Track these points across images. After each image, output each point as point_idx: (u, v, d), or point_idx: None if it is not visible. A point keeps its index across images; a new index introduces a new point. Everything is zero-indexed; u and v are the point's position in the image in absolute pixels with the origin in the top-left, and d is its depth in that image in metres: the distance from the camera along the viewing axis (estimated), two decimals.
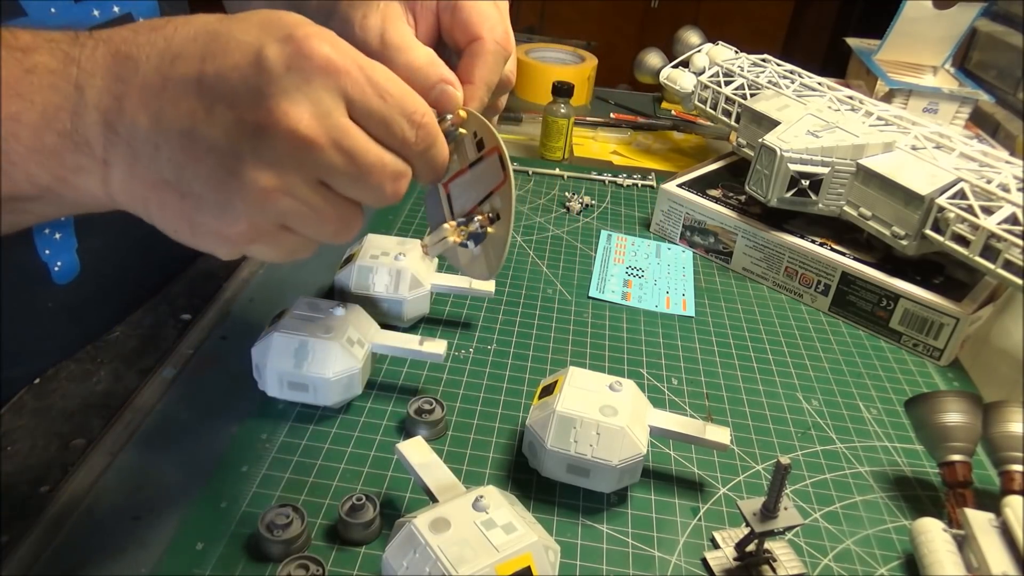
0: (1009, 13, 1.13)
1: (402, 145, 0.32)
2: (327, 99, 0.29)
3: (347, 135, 0.30)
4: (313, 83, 0.29)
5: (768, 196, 0.64)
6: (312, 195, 0.31)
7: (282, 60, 0.28)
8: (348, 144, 0.30)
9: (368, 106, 0.30)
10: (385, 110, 0.31)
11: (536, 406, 0.46)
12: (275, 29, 0.29)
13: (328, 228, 0.32)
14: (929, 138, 0.63)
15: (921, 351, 0.61)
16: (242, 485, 0.43)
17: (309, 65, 0.29)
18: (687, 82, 0.85)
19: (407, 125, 0.32)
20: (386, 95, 0.31)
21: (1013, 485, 0.43)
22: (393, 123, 0.31)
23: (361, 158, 0.30)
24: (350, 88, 0.30)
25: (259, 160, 0.29)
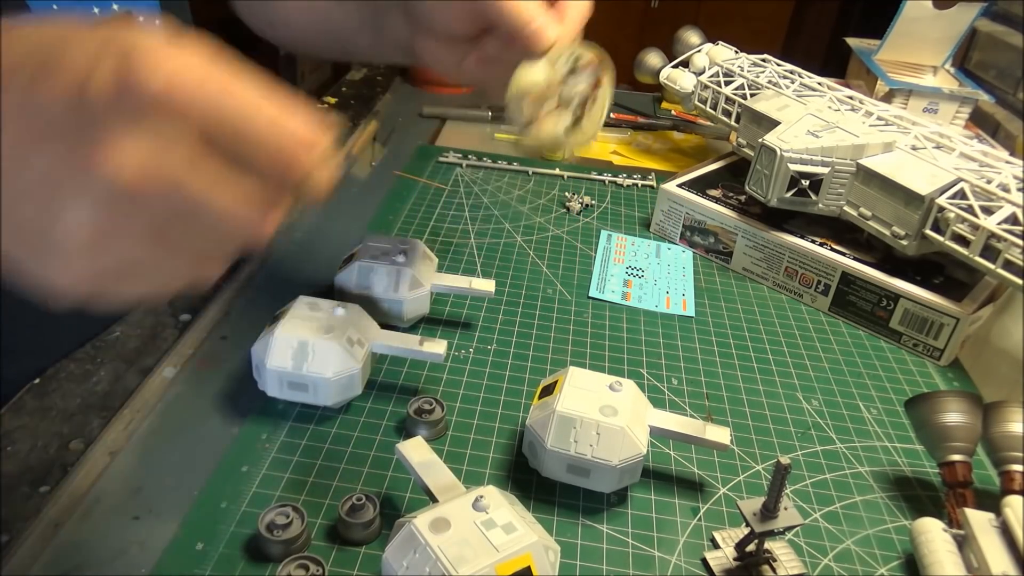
0: (1009, 13, 1.13)
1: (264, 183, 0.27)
2: (162, 132, 0.24)
3: (186, 180, 0.25)
4: (144, 115, 0.24)
5: (768, 196, 0.64)
6: (148, 248, 0.26)
7: (110, 88, 0.24)
8: (188, 191, 0.25)
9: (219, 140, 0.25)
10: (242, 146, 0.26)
11: (536, 406, 0.46)
12: (113, 47, 0.24)
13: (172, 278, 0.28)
14: (929, 138, 0.63)
15: (921, 351, 0.61)
16: (242, 485, 0.43)
17: (142, 96, 0.24)
18: (687, 82, 0.85)
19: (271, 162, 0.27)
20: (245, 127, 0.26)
21: (1013, 485, 0.43)
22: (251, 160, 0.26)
23: (205, 207, 0.25)
24: (196, 119, 0.25)
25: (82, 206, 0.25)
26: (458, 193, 0.79)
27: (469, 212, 0.76)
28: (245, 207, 0.26)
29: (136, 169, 0.24)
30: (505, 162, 0.87)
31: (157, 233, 0.26)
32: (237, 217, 0.26)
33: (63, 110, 0.24)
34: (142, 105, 0.24)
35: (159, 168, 0.24)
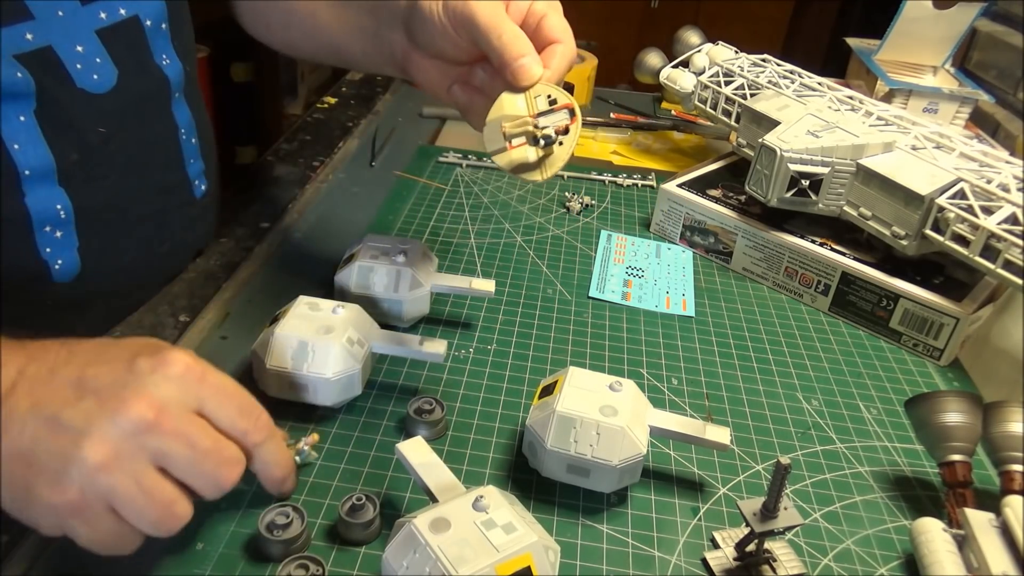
0: (1009, 13, 1.13)
1: (241, 436, 0.37)
2: (177, 396, 0.35)
3: (189, 423, 0.35)
4: (168, 383, 0.35)
5: (768, 196, 0.64)
6: (144, 474, 0.34)
7: (149, 366, 0.35)
8: (188, 430, 0.35)
9: (214, 406, 0.36)
10: (228, 410, 0.37)
11: (536, 406, 0.46)
12: (150, 348, 0.36)
13: (152, 512, 0.34)
14: (929, 138, 0.63)
15: (921, 351, 0.61)
16: (242, 485, 0.43)
17: (169, 371, 0.35)
18: (687, 82, 0.85)
19: (247, 421, 0.37)
20: (231, 397, 0.37)
21: (1013, 485, 0.43)
22: (233, 420, 0.37)
23: (199, 443, 0.35)
24: (201, 390, 0.36)
25: (103, 436, 0.33)
26: (458, 193, 0.79)
27: (469, 212, 0.76)
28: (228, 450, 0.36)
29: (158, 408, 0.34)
30: None
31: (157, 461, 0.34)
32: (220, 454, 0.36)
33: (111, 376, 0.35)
34: (171, 375, 0.35)
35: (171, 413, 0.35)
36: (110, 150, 0.51)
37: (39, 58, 0.46)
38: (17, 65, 0.44)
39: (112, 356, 0.36)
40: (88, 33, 0.48)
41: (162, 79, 0.55)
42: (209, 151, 0.63)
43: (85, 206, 0.50)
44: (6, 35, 0.44)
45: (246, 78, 1.76)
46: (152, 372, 0.35)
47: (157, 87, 0.55)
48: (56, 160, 0.47)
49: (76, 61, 0.48)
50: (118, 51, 0.50)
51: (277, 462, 0.39)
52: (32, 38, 0.45)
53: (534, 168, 0.47)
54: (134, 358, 0.35)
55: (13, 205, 0.46)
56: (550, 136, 0.46)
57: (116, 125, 0.51)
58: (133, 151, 0.53)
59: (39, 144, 0.46)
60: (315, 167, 0.81)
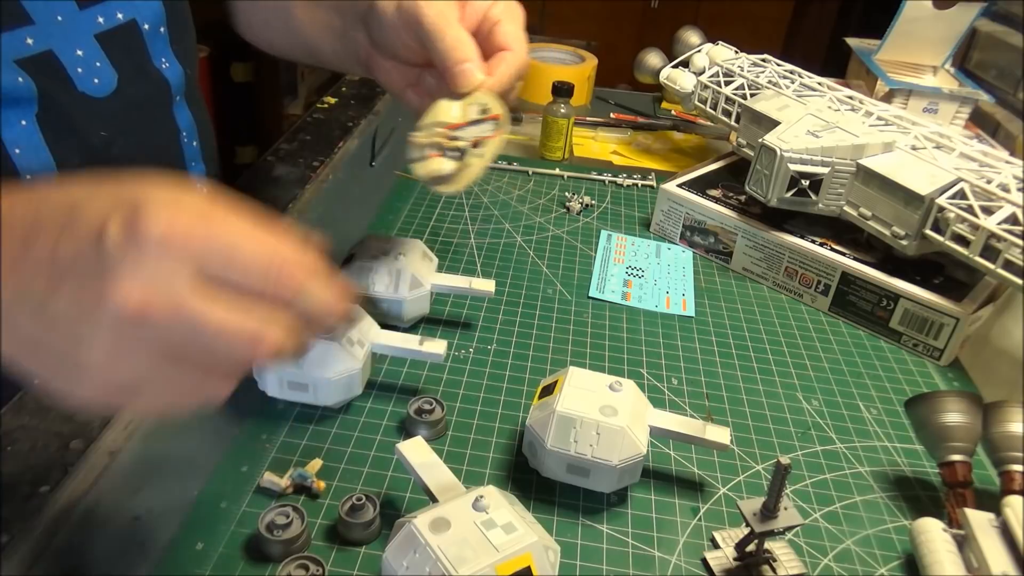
0: (1009, 13, 1.13)
1: (263, 295, 0.31)
2: (163, 270, 0.29)
3: (185, 305, 0.29)
4: (148, 256, 0.29)
5: (768, 196, 0.64)
6: (158, 366, 0.30)
7: (119, 237, 0.29)
8: (186, 314, 0.29)
9: (214, 270, 0.30)
10: (235, 269, 0.30)
11: (536, 406, 0.46)
12: (124, 203, 0.29)
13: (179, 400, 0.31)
14: (929, 138, 0.63)
15: (921, 351, 0.61)
16: (242, 485, 0.43)
17: (144, 240, 0.29)
18: (687, 82, 0.85)
19: (263, 280, 0.31)
20: (235, 253, 0.30)
21: (1013, 485, 0.43)
22: (245, 280, 0.30)
23: (203, 326, 0.29)
24: (192, 253, 0.29)
25: (99, 332, 0.29)
26: (458, 193, 0.79)
27: (469, 212, 0.76)
28: (243, 325, 0.30)
29: (139, 298, 0.28)
30: (505, 162, 0.87)
31: (164, 353, 0.30)
32: (236, 334, 0.30)
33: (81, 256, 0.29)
34: (148, 244, 0.29)
35: (160, 297, 0.29)
36: (111, 154, 0.51)
37: (40, 63, 0.46)
38: (18, 70, 0.44)
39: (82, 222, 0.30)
40: (87, 37, 0.49)
41: (162, 82, 0.55)
42: (211, 154, 0.63)
43: None
44: (7, 40, 0.44)
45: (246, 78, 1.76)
46: (125, 245, 0.29)
47: (157, 91, 0.55)
48: (57, 164, 0.47)
49: (76, 65, 0.48)
50: (117, 55, 0.50)
51: (319, 313, 0.32)
52: (32, 43, 0.45)
53: (448, 180, 0.46)
54: (103, 227, 0.29)
55: None
56: (459, 149, 0.45)
57: (117, 129, 0.51)
58: (134, 155, 0.53)
59: (40, 149, 0.46)
60: (315, 167, 0.81)
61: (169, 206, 0.29)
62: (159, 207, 0.29)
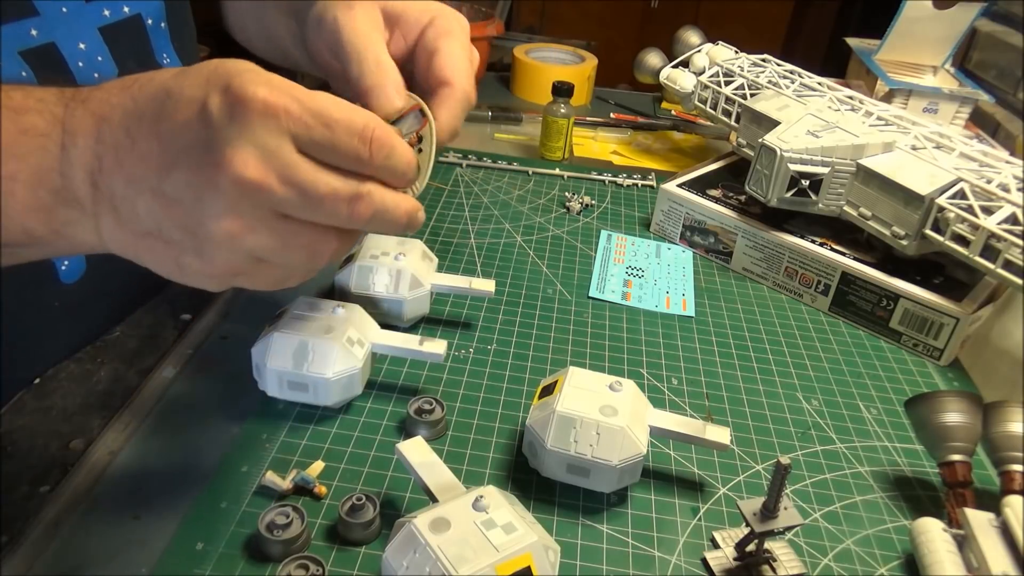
0: (1009, 13, 1.13)
1: (358, 164, 0.33)
2: (270, 139, 0.31)
3: (293, 170, 0.31)
4: (253, 127, 0.31)
5: (768, 196, 0.64)
6: (274, 230, 0.32)
7: (223, 111, 0.30)
8: (295, 178, 0.31)
9: (312, 137, 0.32)
10: (330, 136, 0.32)
11: (536, 406, 0.46)
12: (217, 80, 0.31)
13: (300, 256, 0.34)
14: (929, 138, 0.63)
15: (921, 351, 0.61)
16: (242, 485, 0.43)
17: (247, 110, 0.30)
18: (687, 82, 0.85)
19: (357, 144, 0.33)
20: (329, 122, 0.32)
21: (1013, 485, 0.43)
22: (340, 146, 0.32)
23: (311, 189, 0.32)
24: (291, 124, 0.31)
25: (218, 208, 0.31)
26: (458, 193, 0.79)
27: (469, 212, 0.76)
28: (347, 186, 0.33)
29: (254, 167, 0.31)
30: (505, 162, 0.87)
31: (280, 220, 0.32)
32: (336, 195, 0.32)
33: (189, 134, 0.31)
34: (251, 115, 0.30)
35: (273, 159, 0.31)
36: None
37: (42, 55, 0.46)
38: (22, 63, 0.44)
39: (181, 103, 0.31)
40: (91, 30, 0.49)
41: None
42: None
43: None
44: (11, 31, 0.44)
45: None
46: (231, 120, 0.30)
47: None
48: None
49: (78, 59, 0.48)
50: (119, 49, 0.50)
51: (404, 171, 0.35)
52: (37, 34, 0.45)
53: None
54: (204, 104, 0.31)
55: None
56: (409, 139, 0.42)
57: None
58: None
59: None
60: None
61: (262, 78, 0.31)
62: (254, 79, 0.31)
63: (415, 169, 0.37)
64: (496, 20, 1.14)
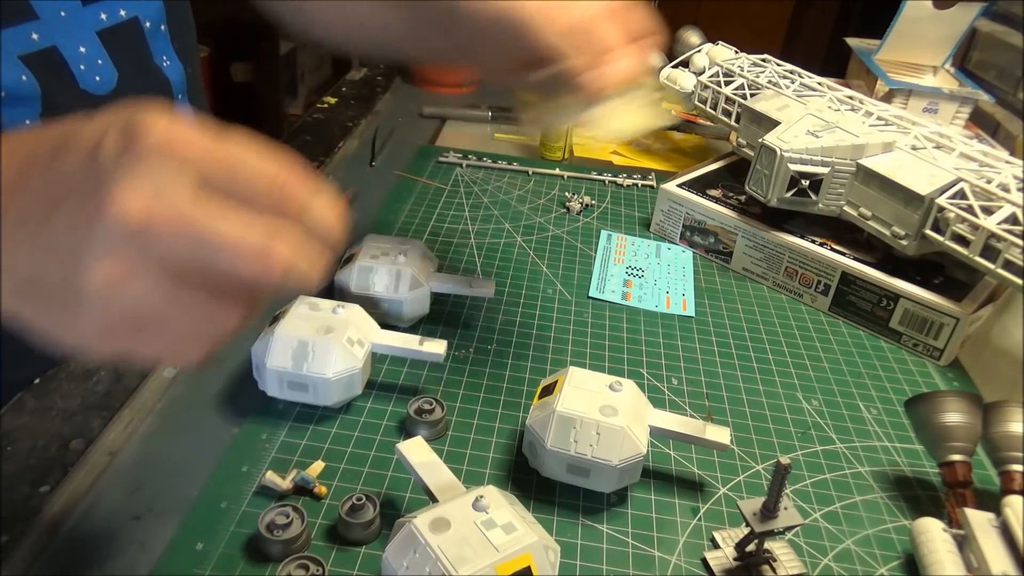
0: (1009, 13, 1.13)
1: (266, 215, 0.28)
2: (164, 177, 0.27)
3: (190, 212, 0.27)
4: (148, 163, 0.27)
5: (768, 196, 0.64)
6: (161, 283, 0.27)
7: (116, 148, 0.27)
8: (192, 222, 0.27)
9: (218, 178, 0.28)
10: (239, 181, 0.28)
11: (536, 406, 0.46)
12: (118, 120, 0.28)
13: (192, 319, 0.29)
14: (929, 138, 0.63)
15: (921, 351, 0.61)
16: (242, 485, 0.43)
17: (143, 147, 0.27)
18: (687, 82, 0.85)
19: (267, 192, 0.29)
20: (238, 165, 0.28)
21: (1013, 485, 0.43)
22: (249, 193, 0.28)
23: (209, 235, 0.27)
24: (193, 163, 0.28)
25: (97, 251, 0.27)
26: (458, 193, 0.79)
27: (469, 212, 0.76)
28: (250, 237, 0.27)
29: (142, 206, 0.26)
30: (505, 162, 0.87)
31: (169, 272, 0.27)
32: (243, 247, 0.27)
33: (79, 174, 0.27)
34: (144, 153, 0.27)
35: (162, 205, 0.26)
36: None
37: (44, 59, 0.46)
38: (23, 67, 0.44)
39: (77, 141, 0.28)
40: (89, 34, 0.49)
41: (163, 81, 0.55)
42: None
43: None
44: (12, 35, 0.44)
45: (246, 78, 1.76)
46: (123, 154, 0.27)
47: (158, 89, 0.55)
48: None
49: (80, 62, 0.48)
50: (118, 52, 0.50)
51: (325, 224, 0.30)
52: (37, 38, 0.45)
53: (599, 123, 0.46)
54: (100, 140, 0.27)
55: None
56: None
57: None
58: None
59: None
60: (315, 167, 0.81)
61: (166, 118, 0.28)
62: (156, 119, 0.27)
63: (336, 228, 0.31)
64: None
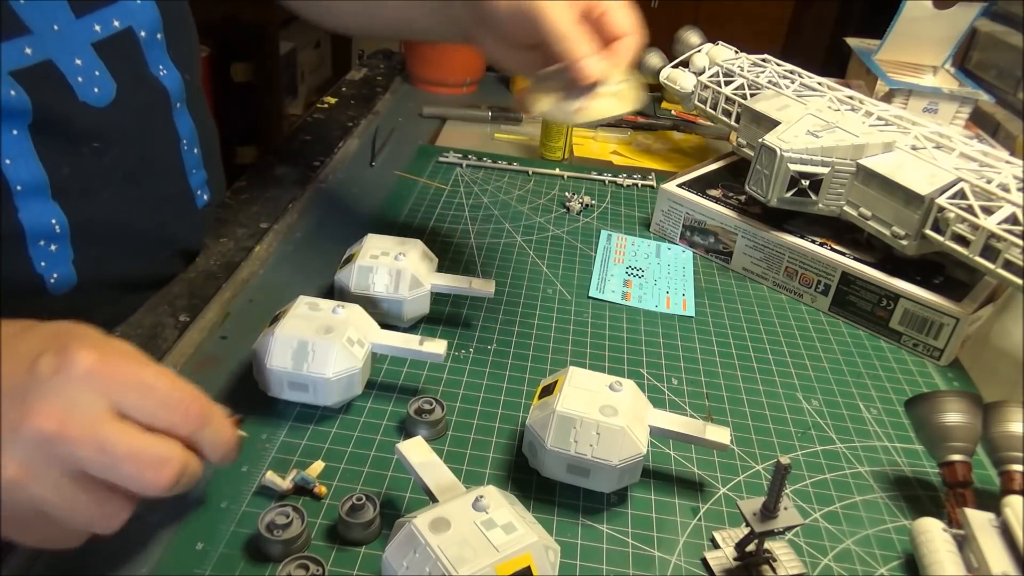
0: (1009, 13, 1.13)
1: (171, 430, 0.34)
2: (82, 398, 0.32)
3: (97, 428, 0.32)
4: (73, 385, 0.32)
5: (768, 196, 0.64)
6: (62, 485, 0.32)
7: (49, 367, 0.32)
8: (97, 436, 0.32)
9: (129, 401, 0.33)
10: (146, 403, 0.34)
11: (536, 406, 0.46)
12: (56, 341, 0.33)
13: (86, 515, 0.33)
14: (929, 138, 0.63)
15: (921, 351, 0.61)
16: (242, 485, 0.43)
17: (70, 369, 0.32)
18: (687, 82, 0.85)
19: (171, 413, 0.34)
20: (148, 390, 0.34)
21: (1013, 485, 0.43)
22: (157, 413, 0.34)
23: (111, 448, 0.32)
24: (110, 387, 0.33)
25: (12, 452, 0.31)
26: (458, 193, 0.79)
27: (469, 212, 0.76)
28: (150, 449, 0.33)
29: (56, 420, 0.31)
30: (505, 162, 0.87)
31: (73, 472, 0.32)
32: (143, 457, 0.33)
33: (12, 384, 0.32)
34: (74, 375, 0.32)
35: (77, 420, 0.32)
36: (105, 164, 0.51)
37: (40, 73, 0.45)
38: (12, 83, 0.44)
39: (19, 353, 0.33)
40: (84, 46, 0.48)
41: (160, 90, 0.54)
42: (213, 161, 0.63)
43: (80, 220, 0.50)
44: (3, 51, 0.44)
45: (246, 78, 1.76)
46: (54, 374, 0.32)
47: (155, 98, 0.54)
48: (49, 175, 0.47)
49: (77, 75, 0.48)
50: (114, 63, 0.50)
51: (218, 444, 0.37)
52: (31, 52, 0.45)
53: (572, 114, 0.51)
54: (38, 357, 0.33)
55: (6, 220, 0.46)
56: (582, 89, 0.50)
57: (115, 138, 0.51)
58: (131, 164, 0.53)
59: (31, 159, 0.46)
60: (315, 167, 0.81)
61: (98, 346, 0.33)
62: (89, 345, 0.33)
63: (232, 443, 0.38)
64: None
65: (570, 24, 0.49)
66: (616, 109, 0.51)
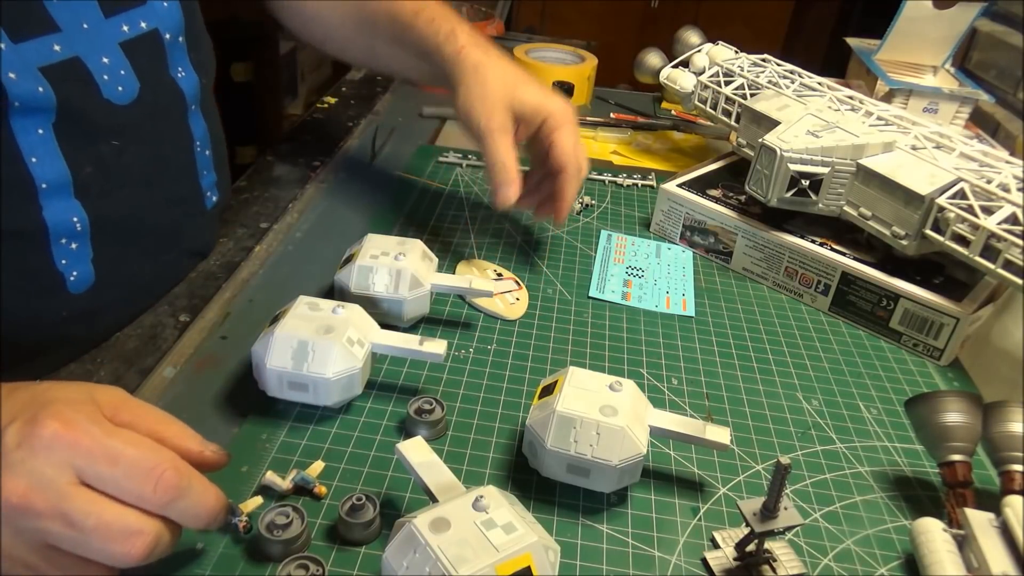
0: (1009, 13, 1.13)
1: (141, 502, 0.33)
2: (48, 469, 0.32)
3: (64, 500, 0.31)
4: (37, 456, 0.32)
5: (768, 196, 0.64)
6: (39, 551, 0.32)
7: (16, 438, 0.32)
8: (63, 508, 0.31)
9: (97, 470, 0.32)
10: (114, 472, 0.33)
11: (536, 406, 0.46)
12: (26, 409, 0.33)
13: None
14: (929, 138, 0.63)
15: (921, 351, 0.61)
16: (242, 485, 0.43)
17: (36, 440, 0.32)
18: (687, 82, 0.85)
19: (142, 483, 0.33)
20: (118, 458, 0.33)
21: (1013, 485, 0.43)
22: (123, 483, 0.33)
23: (78, 521, 0.32)
24: (76, 457, 0.32)
25: None
26: (458, 193, 0.79)
27: (469, 212, 0.76)
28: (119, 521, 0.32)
29: (22, 493, 0.31)
30: None
31: (45, 542, 0.32)
32: (112, 530, 0.32)
33: None
34: (39, 445, 0.32)
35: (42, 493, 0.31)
36: (125, 162, 0.51)
37: (67, 69, 0.46)
38: (40, 79, 0.44)
39: None
40: (112, 45, 0.49)
41: (177, 92, 0.55)
42: (222, 163, 0.63)
43: (100, 218, 0.50)
44: (33, 46, 0.44)
45: (246, 78, 1.76)
46: (19, 446, 0.32)
47: (173, 100, 0.55)
48: (72, 173, 0.47)
49: (103, 72, 0.48)
50: (140, 64, 0.51)
51: (196, 515, 0.35)
52: (60, 49, 0.46)
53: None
54: (7, 427, 0.32)
55: (30, 218, 0.46)
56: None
57: (133, 137, 0.51)
58: (148, 163, 0.53)
59: (56, 157, 0.46)
60: (315, 167, 0.81)
61: (65, 412, 0.33)
62: (56, 412, 0.32)
63: (215, 511, 0.36)
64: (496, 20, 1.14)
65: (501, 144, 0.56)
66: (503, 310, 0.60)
